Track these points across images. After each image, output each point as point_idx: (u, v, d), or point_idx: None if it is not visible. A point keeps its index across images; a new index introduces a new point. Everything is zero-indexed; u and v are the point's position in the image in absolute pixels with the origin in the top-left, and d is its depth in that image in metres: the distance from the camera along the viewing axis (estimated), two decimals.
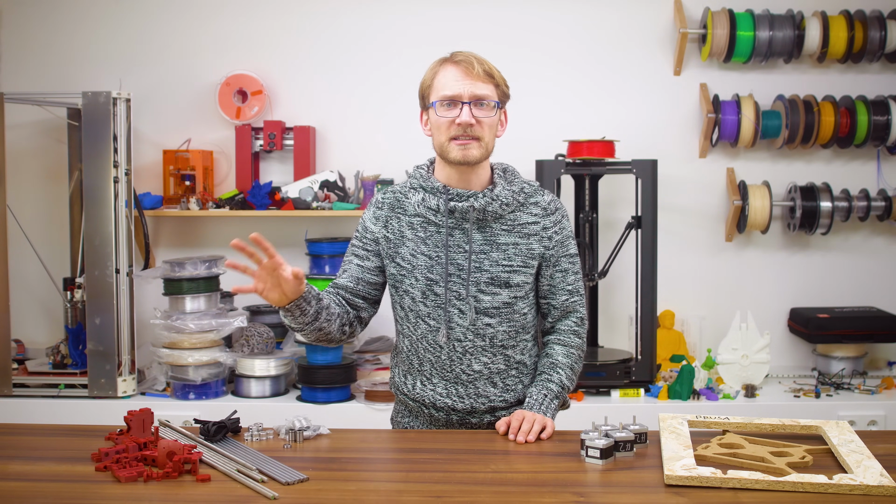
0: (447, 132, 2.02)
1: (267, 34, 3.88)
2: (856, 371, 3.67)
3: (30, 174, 3.89)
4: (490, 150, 2.06)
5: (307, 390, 3.45)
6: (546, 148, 3.69)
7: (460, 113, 2.00)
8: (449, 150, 2.02)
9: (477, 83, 2.00)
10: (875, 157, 3.85)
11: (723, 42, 3.68)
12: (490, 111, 2.02)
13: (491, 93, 2.02)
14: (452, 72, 2.02)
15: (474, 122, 2.00)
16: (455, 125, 2.00)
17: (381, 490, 1.68)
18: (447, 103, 2.01)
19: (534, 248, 2.08)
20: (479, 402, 2.10)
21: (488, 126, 2.03)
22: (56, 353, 3.55)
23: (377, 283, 2.15)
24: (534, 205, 2.10)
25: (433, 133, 2.07)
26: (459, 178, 2.07)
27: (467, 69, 2.01)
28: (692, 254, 3.87)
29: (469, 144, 2.01)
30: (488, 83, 2.02)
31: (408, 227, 2.10)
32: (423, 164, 2.15)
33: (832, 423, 1.97)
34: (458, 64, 2.02)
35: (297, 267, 1.96)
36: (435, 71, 2.05)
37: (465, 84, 2.00)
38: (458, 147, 2.01)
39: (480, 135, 2.01)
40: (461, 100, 2.00)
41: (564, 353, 2.12)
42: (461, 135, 2.01)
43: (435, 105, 2.03)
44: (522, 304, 2.10)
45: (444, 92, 2.01)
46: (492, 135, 2.05)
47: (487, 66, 2.03)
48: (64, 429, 2.11)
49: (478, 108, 2.01)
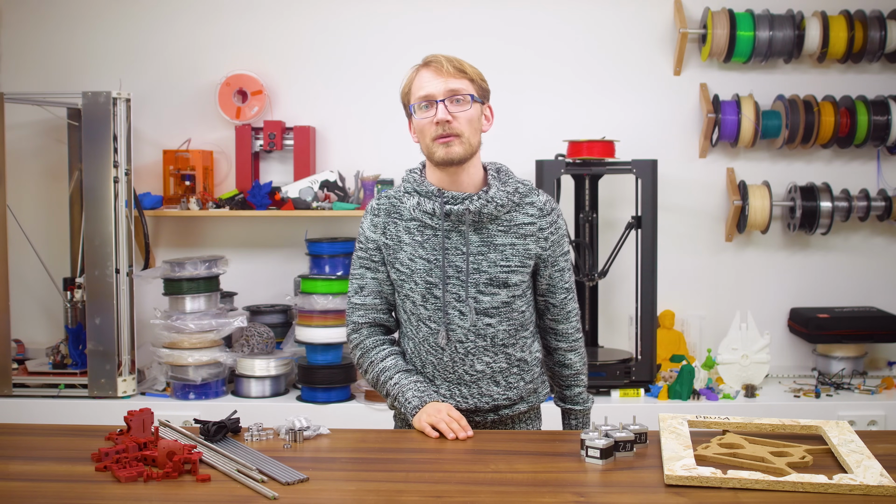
0: (429, 133, 2.04)
1: (267, 34, 3.88)
2: (856, 371, 3.67)
3: (30, 174, 3.89)
4: (474, 145, 2.07)
5: (307, 390, 3.45)
6: (546, 148, 3.69)
7: (436, 111, 2.02)
8: (434, 150, 2.04)
9: (448, 80, 2.03)
10: (875, 157, 3.85)
11: (723, 42, 3.68)
12: (465, 105, 2.04)
13: (464, 86, 2.04)
14: (425, 74, 2.06)
15: (451, 119, 2.02)
16: (434, 125, 2.03)
17: (381, 490, 1.68)
18: (424, 105, 2.04)
19: (530, 248, 2.09)
20: (483, 401, 2.11)
21: (466, 121, 2.04)
22: (56, 353, 3.55)
23: (392, 292, 2.18)
24: (529, 205, 2.11)
25: (419, 138, 2.09)
26: (451, 179, 2.08)
27: (437, 68, 2.04)
28: (692, 254, 3.87)
29: (451, 141, 2.02)
30: (460, 77, 2.04)
31: (405, 232, 2.10)
32: (416, 168, 2.17)
33: (832, 423, 1.97)
34: (428, 66, 2.06)
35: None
36: (411, 78, 2.10)
37: (436, 83, 2.03)
38: (440, 146, 2.03)
39: (460, 131, 2.03)
40: (435, 98, 2.03)
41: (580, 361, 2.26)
42: (441, 133, 2.02)
43: (413, 108, 2.07)
44: (521, 302, 2.12)
45: (419, 93, 2.05)
46: (472, 130, 2.06)
47: (458, 62, 2.06)
48: (64, 429, 2.11)
49: (453, 103, 2.03)
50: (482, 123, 2.10)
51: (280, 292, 3.86)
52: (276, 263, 3.91)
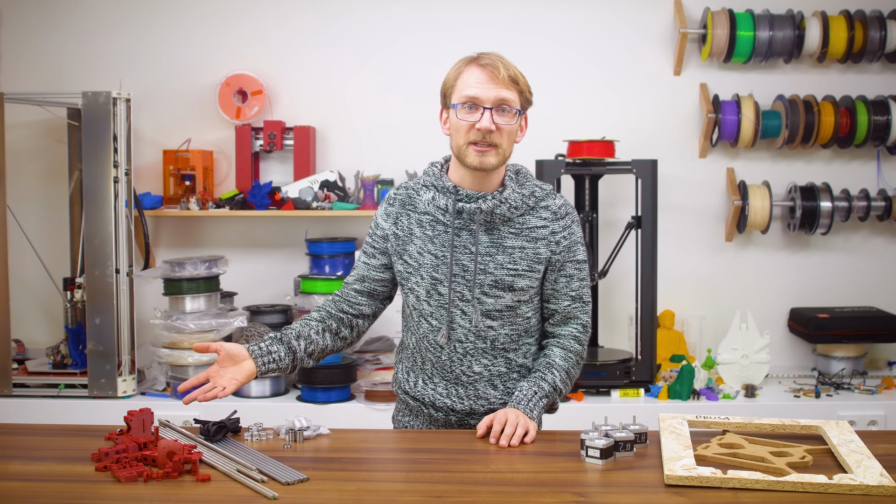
0: (466, 136, 1.98)
1: (267, 34, 3.88)
2: (856, 371, 3.67)
3: (30, 174, 3.89)
4: (507, 156, 2.02)
5: (307, 390, 3.45)
6: (546, 148, 3.69)
7: (481, 118, 1.96)
8: (466, 154, 1.99)
9: (501, 89, 1.96)
10: (875, 157, 3.85)
11: (723, 42, 3.67)
12: (511, 118, 1.98)
13: (514, 99, 1.98)
14: (477, 74, 1.97)
15: (494, 129, 1.96)
16: (475, 130, 1.96)
17: (381, 490, 1.68)
18: (469, 106, 1.97)
19: (541, 252, 2.05)
20: (479, 403, 2.10)
21: (507, 133, 1.99)
22: (56, 353, 3.55)
23: (383, 280, 2.15)
24: (544, 209, 2.08)
25: (452, 134, 2.03)
26: (473, 180, 2.04)
27: (492, 73, 1.96)
28: (692, 254, 3.87)
29: (487, 152, 1.97)
30: (512, 89, 1.98)
31: (417, 225, 2.08)
32: (438, 161, 2.13)
33: (832, 423, 1.97)
34: (483, 67, 1.97)
35: (219, 344, 2.01)
36: (459, 71, 2.00)
37: (488, 88, 1.96)
38: (475, 153, 1.97)
39: (499, 142, 1.97)
40: (483, 104, 1.96)
41: (562, 357, 2.08)
42: (480, 140, 1.97)
43: (456, 107, 1.98)
44: (526, 307, 2.08)
45: (466, 93, 1.97)
46: (510, 142, 2.01)
47: (513, 71, 1.99)
48: (64, 429, 2.11)
49: (499, 114, 1.97)
50: (517, 134, 2.05)
51: (280, 292, 3.86)
52: (276, 263, 3.91)
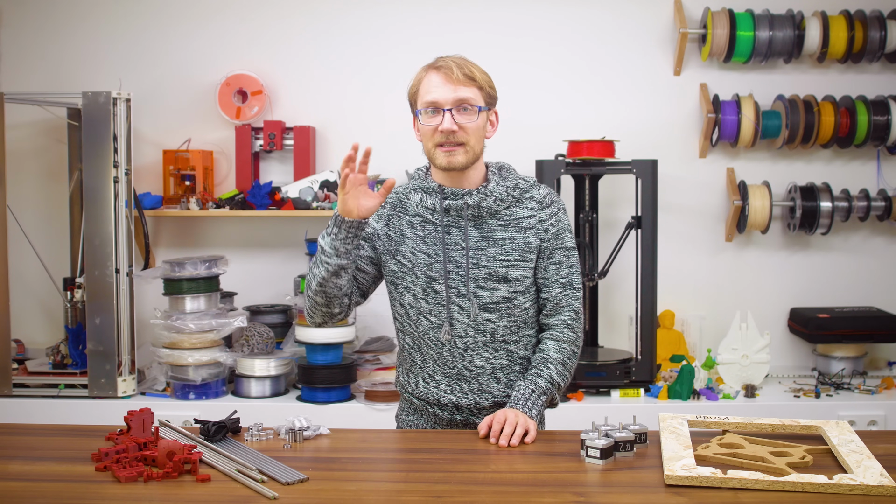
0: (432, 139, 2.03)
1: (267, 34, 3.88)
2: (856, 371, 3.67)
3: (30, 174, 3.89)
4: (478, 153, 2.06)
5: (307, 390, 3.45)
6: (546, 148, 3.69)
7: (443, 120, 2.00)
8: (435, 156, 2.04)
9: (458, 88, 2.00)
10: (875, 157, 3.85)
11: (723, 42, 3.68)
12: (473, 115, 2.02)
13: (474, 96, 2.02)
14: (434, 78, 2.02)
15: (456, 129, 2.00)
16: (439, 132, 2.01)
17: (381, 490, 1.68)
18: (430, 110, 2.02)
19: (531, 241, 2.08)
20: (483, 397, 2.11)
21: (472, 131, 2.02)
22: (56, 353, 3.55)
23: (366, 272, 2.16)
24: (529, 199, 2.11)
25: (422, 140, 2.08)
26: (452, 180, 2.09)
27: (447, 74, 2.00)
28: (692, 254, 3.87)
29: (454, 151, 2.02)
30: (470, 86, 2.01)
31: (408, 226, 2.12)
32: (423, 166, 2.18)
33: (832, 423, 1.97)
34: (439, 70, 2.02)
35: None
36: (420, 78, 2.06)
37: (445, 90, 2.00)
38: (443, 154, 2.02)
39: (465, 140, 2.02)
40: (443, 106, 2.00)
41: (556, 349, 2.08)
42: (445, 142, 2.01)
43: (420, 113, 2.04)
44: (523, 298, 2.10)
45: (426, 98, 2.02)
46: (477, 138, 2.04)
47: (469, 69, 2.02)
48: (64, 429, 2.11)
49: (460, 113, 2.01)
50: (487, 130, 2.08)
51: (280, 292, 3.86)
52: (276, 263, 3.91)
